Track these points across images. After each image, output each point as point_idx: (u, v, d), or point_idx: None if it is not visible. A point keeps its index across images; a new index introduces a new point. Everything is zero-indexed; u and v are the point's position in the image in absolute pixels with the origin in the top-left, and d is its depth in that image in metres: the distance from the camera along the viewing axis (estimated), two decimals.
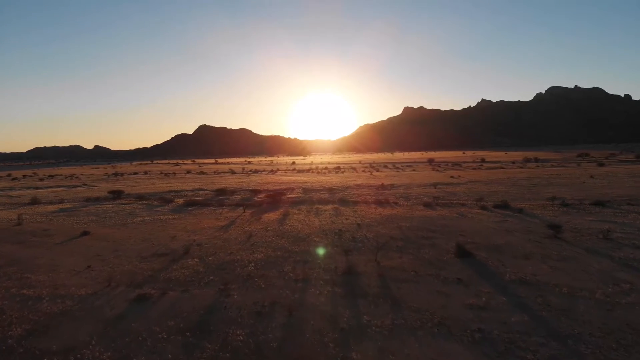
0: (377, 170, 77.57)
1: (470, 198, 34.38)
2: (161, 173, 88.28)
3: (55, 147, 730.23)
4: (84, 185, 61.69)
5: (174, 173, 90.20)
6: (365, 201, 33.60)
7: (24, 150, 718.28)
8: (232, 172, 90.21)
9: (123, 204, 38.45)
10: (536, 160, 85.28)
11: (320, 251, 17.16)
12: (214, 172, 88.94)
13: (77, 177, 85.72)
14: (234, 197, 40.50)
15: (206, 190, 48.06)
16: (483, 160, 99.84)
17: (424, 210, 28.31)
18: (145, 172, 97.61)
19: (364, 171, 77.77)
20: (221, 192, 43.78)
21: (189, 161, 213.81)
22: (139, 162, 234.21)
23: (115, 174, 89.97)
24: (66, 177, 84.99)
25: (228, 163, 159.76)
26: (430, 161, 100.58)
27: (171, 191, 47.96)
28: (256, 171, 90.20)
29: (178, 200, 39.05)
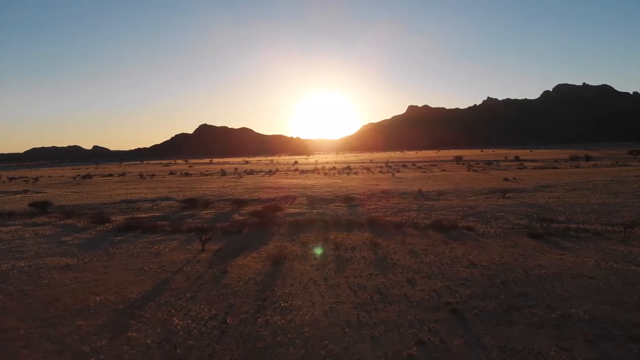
0: (398, 171, 63.74)
1: (591, 217, 20.76)
2: (139, 175, 74.88)
3: (53, 147, 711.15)
4: (26, 191, 48.32)
5: (154, 175, 76.69)
6: (415, 224, 19.96)
7: (22, 151, 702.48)
8: (223, 173, 76.62)
9: (37, 224, 25.36)
10: (587, 158, 71.40)
11: None
12: (201, 174, 75.25)
13: (39, 180, 72.44)
14: (204, 212, 26.93)
15: (173, 199, 34.50)
16: (518, 159, 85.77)
17: (547, 250, 14.70)
18: (123, 174, 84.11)
19: (381, 172, 63.91)
20: (190, 203, 30.24)
21: (181, 161, 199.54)
22: (129, 163, 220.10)
23: (86, 176, 76.63)
24: (27, 180, 71.81)
25: (224, 163, 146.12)
26: (458, 160, 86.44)
27: (125, 201, 34.48)
28: (251, 172, 76.50)
29: (118, 218, 25.57)
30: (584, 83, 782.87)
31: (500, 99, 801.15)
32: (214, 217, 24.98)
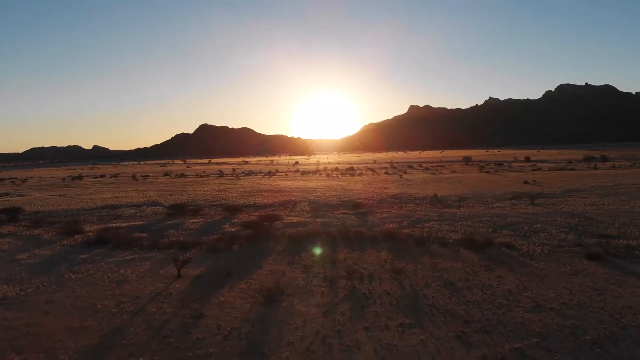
0: (405, 172, 60.24)
1: None
2: (132, 177, 71.44)
3: (53, 147, 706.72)
4: (7, 194, 45.07)
5: (147, 176, 73.23)
6: (441, 239, 16.55)
7: (21, 151, 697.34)
8: (221, 174, 73.23)
9: None
10: (604, 159, 67.91)
11: None
12: (197, 175, 71.78)
13: (27, 181, 69.20)
14: (192, 221, 23.52)
15: (160, 205, 31.15)
16: (529, 160, 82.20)
17: (622, 279, 11.44)
18: (116, 175, 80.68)
19: (387, 173, 60.40)
20: (178, 210, 26.89)
21: (180, 161, 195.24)
22: (126, 163, 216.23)
23: (77, 177, 73.32)
24: (14, 182, 68.50)
25: (222, 163, 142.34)
26: (467, 160, 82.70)
27: (108, 206, 31.15)
28: (250, 173, 73.06)
29: (92, 228, 22.30)
30: (586, 83, 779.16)
31: (502, 99, 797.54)
32: (201, 227, 21.59)
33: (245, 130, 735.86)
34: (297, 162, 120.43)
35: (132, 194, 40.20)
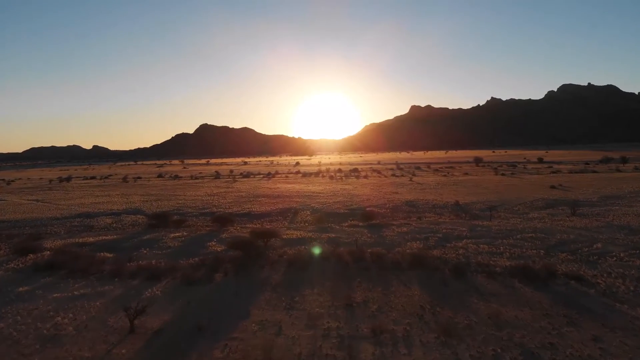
0: (414, 175, 56.17)
1: None
2: (123, 179, 67.37)
3: (52, 147, 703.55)
4: None
5: (139, 178, 69.29)
6: (485, 266, 12.85)
7: (21, 151, 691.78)
8: (217, 175, 69.33)
9: None
10: (624, 160, 63.86)
11: None
12: (191, 177, 67.74)
13: (13, 183, 65.51)
14: (173, 235, 19.75)
15: (142, 213, 27.42)
16: (542, 161, 78.06)
17: None
18: (107, 177, 76.65)
19: (394, 175, 56.44)
20: (160, 220, 23.18)
21: (178, 162, 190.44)
22: (122, 163, 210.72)
23: (65, 179, 69.38)
24: None
25: (221, 164, 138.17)
26: (478, 161, 78.28)
27: (83, 215, 27.49)
28: (248, 175, 69.13)
29: (53, 244, 18.67)
30: (589, 83, 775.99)
31: (504, 99, 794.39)
32: (181, 245, 17.83)
33: (246, 130, 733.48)
34: (297, 163, 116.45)
35: (116, 199, 36.43)
